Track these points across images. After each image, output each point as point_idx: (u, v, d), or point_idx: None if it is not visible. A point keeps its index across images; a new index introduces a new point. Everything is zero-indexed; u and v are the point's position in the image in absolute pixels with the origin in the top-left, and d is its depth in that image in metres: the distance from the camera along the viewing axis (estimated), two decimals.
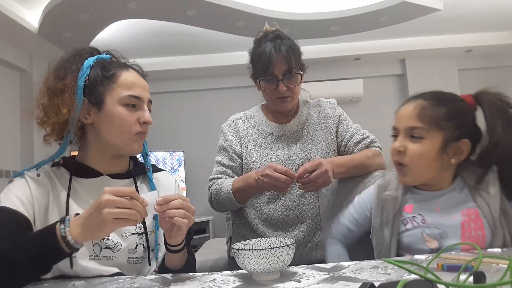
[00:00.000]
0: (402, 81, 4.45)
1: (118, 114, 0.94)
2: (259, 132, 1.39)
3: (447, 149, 0.97)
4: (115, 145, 0.97)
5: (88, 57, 0.97)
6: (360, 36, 3.79)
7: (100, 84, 0.94)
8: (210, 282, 0.77)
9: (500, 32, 4.06)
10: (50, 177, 0.95)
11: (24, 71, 3.47)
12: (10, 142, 3.40)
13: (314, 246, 1.33)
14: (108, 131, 0.95)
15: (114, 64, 0.99)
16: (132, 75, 0.98)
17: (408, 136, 0.99)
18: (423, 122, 0.97)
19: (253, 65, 1.35)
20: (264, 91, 1.32)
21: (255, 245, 0.87)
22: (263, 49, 1.28)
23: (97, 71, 0.95)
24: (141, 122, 0.96)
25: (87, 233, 0.75)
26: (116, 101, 0.94)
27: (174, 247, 0.90)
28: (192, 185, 4.28)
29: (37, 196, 0.90)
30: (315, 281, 0.72)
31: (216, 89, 4.46)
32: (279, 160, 1.33)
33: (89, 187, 0.96)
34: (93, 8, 2.81)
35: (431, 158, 0.97)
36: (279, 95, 1.30)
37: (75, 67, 0.95)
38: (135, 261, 0.96)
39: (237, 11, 3.01)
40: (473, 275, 0.58)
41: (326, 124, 1.40)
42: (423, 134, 0.97)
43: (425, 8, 3.13)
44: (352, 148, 1.37)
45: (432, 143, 0.96)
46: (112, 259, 0.93)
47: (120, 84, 0.95)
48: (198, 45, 3.89)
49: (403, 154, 0.99)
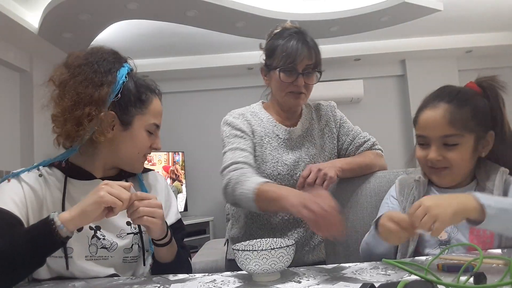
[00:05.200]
0: (402, 81, 4.45)
1: (142, 138, 1.00)
2: (266, 131, 1.32)
3: (478, 146, 0.99)
4: (124, 162, 1.01)
5: (118, 67, 0.96)
6: (360, 37, 3.79)
7: (133, 105, 0.97)
8: (210, 283, 0.77)
9: (500, 32, 4.06)
10: (44, 177, 0.95)
11: (24, 72, 3.47)
12: (10, 142, 3.40)
13: (311, 249, 1.32)
14: (126, 149, 0.99)
15: (144, 86, 1.01)
16: (159, 103, 1.03)
17: (441, 144, 0.97)
18: (456, 128, 0.94)
19: (270, 55, 1.28)
20: (281, 82, 1.24)
21: (255, 245, 0.87)
22: (288, 39, 1.23)
23: (130, 90, 0.96)
24: (153, 147, 1.03)
25: (77, 215, 0.78)
26: (143, 126, 0.99)
27: (158, 241, 0.92)
28: (192, 186, 4.28)
29: (30, 197, 0.90)
30: (315, 281, 0.72)
31: (216, 89, 4.46)
32: (285, 165, 1.28)
33: (83, 190, 0.95)
34: (93, 8, 2.81)
35: (469, 160, 0.98)
36: (294, 90, 1.25)
37: (111, 78, 0.93)
38: (130, 260, 0.97)
39: (237, 12, 3.01)
40: (473, 276, 0.58)
41: (328, 128, 1.38)
42: (458, 140, 0.95)
43: (425, 8, 3.13)
44: (354, 152, 1.36)
45: (468, 146, 0.96)
46: (107, 258, 0.94)
47: (150, 110, 1.00)
48: (198, 45, 3.89)
49: (441, 162, 0.97)
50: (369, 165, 1.30)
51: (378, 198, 1.24)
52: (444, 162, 0.96)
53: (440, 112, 0.96)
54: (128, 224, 0.98)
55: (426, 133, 0.99)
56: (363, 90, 4.27)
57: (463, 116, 0.95)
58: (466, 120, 0.95)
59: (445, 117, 0.95)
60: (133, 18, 3.05)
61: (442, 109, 0.96)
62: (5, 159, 3.31)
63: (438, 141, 0.96)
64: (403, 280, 0.48)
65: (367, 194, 1.27)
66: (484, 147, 1.00)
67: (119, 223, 0.97)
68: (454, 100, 0.97)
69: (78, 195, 0.95)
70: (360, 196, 1.28)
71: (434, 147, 0.97)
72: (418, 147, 1.03)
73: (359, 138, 1.37)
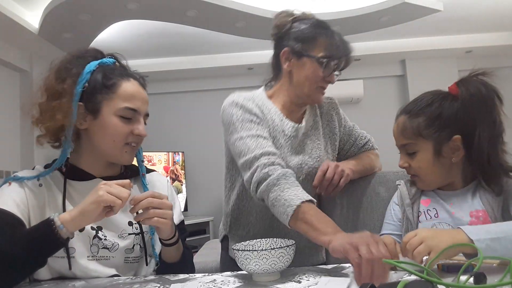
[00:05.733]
0: (402, 82, 4.45)
1: (113, 125, 0.94)
2: (274, 125, 1.19)
3: (442, 152, 0.99)
4: (106, 153, 0.97)
5: (91, 61, 0.95)
6: (360, 37, 3.79)
7: (99, 92, 0.93)
8: (210, 283, 0.77)
9: (500, 32, 4.06)
10: (45, 179, 0.95)
11: (24, 72, 3.47)
12: (10, 142, 3.40)
13: (313, 250, 1.30)
14: (101, 140, 0.95)
15: (116, 72, 0.97)
16: (133, 86, 0.97)
17: (405, 153, 1.05)
18: (408, 138, 1.02)
19: (309, 41, 1.16)
20: (317, 74, 1.15)
21: (255, 245, 0.87)
22: (332, 32, 1.18)
23: (97, 77, 0.93)
24: (135, 134, 0.96)
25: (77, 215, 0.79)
26: (113, 112, 0.94)
27: (166, 240, 0.92)
28: (192, 186, 4.28)
29: (31, 200, 0.91)
30: (315, 281, 0.72)
31: (216, 89, 4.46)
32: (288, 167, 1.12)
33: (83, 190, 0.95)
34: (93, 8, 2.81)
35: (431, 166, 1.01)
36: (323, 84, 1.18)
37: (76, 70, 0.93)
38: (132, 261, 0.97)
39: (237, 12, 3.01)
40: (473, 276, 0.58)
41: (330, 128, 1.32)
42: (414, 148, 1.02)
43: (425, 8, 3.13)
44: (356, 153, 1.35)
45: (426, 153, 1.01)
46: (109, 259, 0.94)
47: (119, 94, 0.94)
48: (198, 45, 3.89)
49: (409, 169, 1.05)
50: (372, 167, 1.30)
51: (378, 198, 1.24)
52: (411, 169, 1.05)
53: (398, 124, 1.06)
54: (129, 224, 0.98)
55: (396, 143, 1.07)
56: (363, 90, 4.27)
57: (413, 126, 1.01)
58: (418, 129, 1.00)
59: (398, 127, 1.05)
60: (133, 18, 3.05)
61: (398, 121, 1.06)
62: (5, 159, 3.31)
63: (402, 150, 1.06)
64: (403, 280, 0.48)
65: (367, 194, 1.27)
66: (453, 152, 0.99)
67: (121, 224, 0.97)
68: (410, 112, 1.03)
69: (79, 196, 0.95)
70: (361, 197, 1.28)
71: (401, 155, 1.07)
72: None
73: (361, 139, 1.35)
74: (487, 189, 0.98)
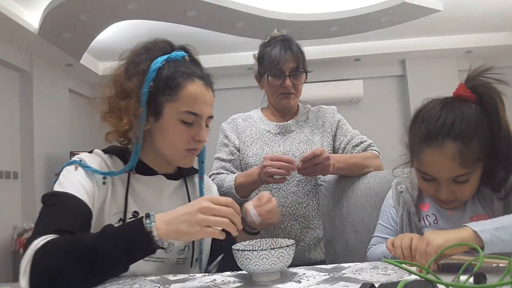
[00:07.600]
0: (402, 82, 4.45)
1: (173, 130, 0.90)
2: (256, 130, 1.45)
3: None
4: (167, 157, 0.94)
5: (159, 55, 0.91)
6: (360, 37, 3.79)
7: (162, 92, 0.88)
8: (210, 283, 0.77)
9: (500, 33, 4.07)
10: (109, 168, 0.91)
11: (24, 72, 3.47)
12: (10, 142, 3.40)
13: (306, 245, 1.35)
14: (161, 143, 0.92)
15: (182, 70, 0.91)
16: (197, 88, 0.92)
17: (451, 181, 0.89)
18: (468, 167, 0.87)
19: (260, 63, 1.41)
20: (271, 85, 1.38)
21: (255, 245, 0.87)
22: (274, 47, 1.36)
23: (162, 76, 0.89)
24: (195, 140, 0.92)
25: (172, 232, 0.73)
26: (174, 115, 0.89)
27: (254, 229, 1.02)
28: None
29: (97, 192, 0.86)
30: (315, 281, 0.72)
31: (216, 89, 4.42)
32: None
33: (146, 185, 0.94)
34: (93, 8, 2.82)
35: (476, 186, 0.93)
36: (284, 91, 1.37)
37: (143, 66, 0.89)
38: (182, 262, 0.96)
39: (237, 12, 3.01)
40: (473, 276, 0.58)
41: (324, 129, 1.44)
42: (469, 176, 0.89)
43: (425, 9, 3.14)
44: (351, 151, 1.39)
45: (477, 176, 0.91)
46: (164, 261, 0.92)
47: (182, 97, 0.89)
48: (198, 45, 3.82)
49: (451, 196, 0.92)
50: (362, 165, 1.31)
51: (378, 198, 1.24)
52: (454, 195, 0.92)
53: (448, 153, 0.85)
54: None
55: (433, 173, 0.91)
56: (363, 90, 4.27)
57: (472, 153, 0.86)
58: (477, 156, 0.87)
59: (454, 159, 0.85)
60: (133, 18, 3.05)
61: (449, 149, 0.85)
62: (5, 159, 3.31)
63: (447, 180, 0.89)
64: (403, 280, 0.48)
65: (367, 194, 1.28)
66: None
67: None
68: (462, 135, 0.86)
69: (141, 190, 0.93)
70: (360, 196, 1.28)
71: (444, 186, 0.90)
72: (421, 179, 0.95)
73: (356, 139, 1.40)
74: (485, 193, 0.97)
